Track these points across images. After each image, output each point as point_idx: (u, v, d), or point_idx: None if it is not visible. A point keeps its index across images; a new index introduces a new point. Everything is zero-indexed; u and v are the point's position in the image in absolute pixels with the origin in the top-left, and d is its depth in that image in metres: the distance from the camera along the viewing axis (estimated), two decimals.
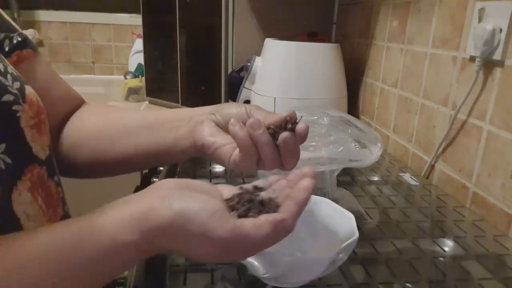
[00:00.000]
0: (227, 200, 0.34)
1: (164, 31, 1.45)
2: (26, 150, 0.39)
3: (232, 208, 0.33)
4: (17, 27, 0.48)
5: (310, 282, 0.45)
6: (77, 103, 0.56)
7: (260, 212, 0.33)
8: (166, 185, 0.33)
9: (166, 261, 0.50)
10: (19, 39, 0.46)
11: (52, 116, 0.51)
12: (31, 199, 0.38)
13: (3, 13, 0.47)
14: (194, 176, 0.76)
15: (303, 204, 0.32)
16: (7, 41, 0.45)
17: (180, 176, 0.76)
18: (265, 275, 0.42)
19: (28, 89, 0.40)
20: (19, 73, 0.45)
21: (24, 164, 0.38)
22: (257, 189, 0.37)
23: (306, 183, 0.33)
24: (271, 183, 0.38)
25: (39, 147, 0.40)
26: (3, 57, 0.41)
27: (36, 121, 0.40)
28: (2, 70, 0.38)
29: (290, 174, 0.37)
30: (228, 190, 0.36)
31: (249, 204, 0.33)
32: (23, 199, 0.37)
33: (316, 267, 0.42)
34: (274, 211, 0.33)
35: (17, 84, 0.38)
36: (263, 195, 0.35)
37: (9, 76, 0.38)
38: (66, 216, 0.45)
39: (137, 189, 0.77)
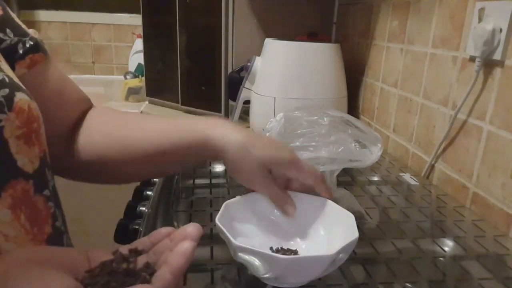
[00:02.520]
0: (88, 272, 0.30)
1: (164, 31, 1.45)
2: (9, 163, 0.36)
3: (87, 285, 0.28)
4: (29, 31, 0.48)
5: (310, 282, 0.45)
6: (89, 105, 0.57)
7: (123, 285, 0.28)
8: (12, 258, 0.29)
9: None
10: (31, 43, 0.46)
11: (66, 118, 0.53)
12: (11, 218, 0.35)
13: (15, 17, 0.47)
14: (194, 176, 0.76)
15: (179, 272, 0.28)
16: (20, 45, 0.45)
17: (180, 177, 0.76)
18: (265, 275, 0.42)
19: (19, 96, 0.37)
20: (33, 76, 0.46)
21: (6, 179, 0.36)
22: (135, 252, 0.32)
23: (185, 247, 0.28)
24: (155, 243, 0.33)
25: (27, 159, 0.38)
26: None
27: (25, 131, 0.37)
28: None
29: (175, 232, 0.32)
30: (100, 257, 0.31)
31: (108, 277, 0.29)
32: (1, 218, 0.35)
33: (316, 267, 0.42)
34: (146, 280, 0.29)
35: (4, 91, 0.36)
36: (141, 260, 0.31)
37: None
38: (55, 233, 0.41)
39: (136, 191, 0.76)
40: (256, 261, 0.41)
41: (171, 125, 0.52)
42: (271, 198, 0.50)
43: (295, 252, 0.50)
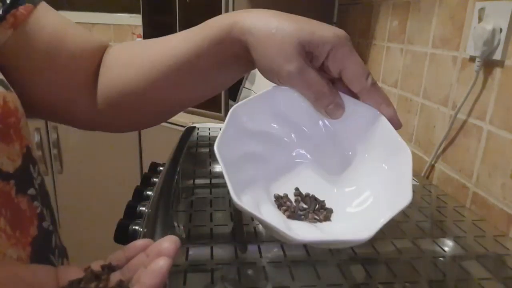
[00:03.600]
0: None
1: (164, 31, 1.45)
2: None
3: None
4: None
5: (309, 281, 0.45)
6: (103, 50, 0.49)
7: None
8: None
9: None
10: None
11: (77, 71, 0.46)
12: None
13: None
14: (194, 176, 0.76)
15: None
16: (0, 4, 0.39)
17: (180, 177, 0.76)
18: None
19: None
20: (21, 35, 0.40)
21: None
22: (108, 268, 0.31)
23: (159, 265, 0.26)
24: (130, 257, 0.31)
25: (5, 158, 0.35)
26: None
27: (0, 127, 0.34)
28: None
29: (151, 246, 0.30)
30: (70, 274, 0.29)
31: None
32: None
33: (342, 244, 0.34)
34: None
35: None
36: (114, 277, 0.30)
37: None
38: (42, 235, 0.38)
39: (136, 191, 0.76)
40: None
41: (195, 29, 0.43)
42: (309, 93, 0.36)
43: (321, 203, 0.36)
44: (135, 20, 1.98)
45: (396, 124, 0.37)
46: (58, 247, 0.43)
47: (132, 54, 0.47)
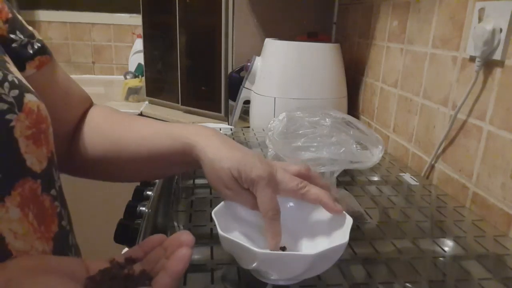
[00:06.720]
0: (90, 279, 0.31)
1: (164, 31, 1.45)
2: (18, 162, 0.37)
3: None
4: (36, 34, 0.50)
5: (309, 282, 0.45)
6: (90, 104, 0.59)
7: None
8: (14, 266, 0.30)
9: None
10: (39, 45, 0.49)
11: (71, 117, 0.55)
12: (20, 216, 0.36)
13: (22, 20, 0.50)
14: (194, 176, 0.76)
15: (177, 276, 0.30)
16: (29, 46, 0.48)
17: (180, 177, 0.76)
18: (246, 267, 0.42)
19: (29, 98, 0.39)
20: (41, 77, 0.48)
21: (15, 178, 0.36)
22: (130, 261, 0.34)
23: (183, 252, 0.31)
24: (147, 251, 0.35)
25: (35, 159, 0.39)
26: (7, 65, 0.40)
27: (34, 131, 0.38)
28: (0, 78, 0.37)
29: (167, 240, 0.34)
30: (97, 265, 0.32)
31: (111, 282, 0.30)
32: (10, 216, 0.35)
33: (294, 265, 0.41)
34: (146, 285, 0.30)
35: (14, 92, 0.37)
36: (136, 267, 0.33)
37: (6, 84, 0.37)
38: (61, 232, 0.42)
39: (136, 191, 0.76)
40: (234, 254, 0.42)
41: (162, 131, 0.53)
42: (246, 205, 0.49)
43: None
44: (135, 20, 1.97)
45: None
46: (74, 246, 0.46)
47: (111, 126, 0.56)
